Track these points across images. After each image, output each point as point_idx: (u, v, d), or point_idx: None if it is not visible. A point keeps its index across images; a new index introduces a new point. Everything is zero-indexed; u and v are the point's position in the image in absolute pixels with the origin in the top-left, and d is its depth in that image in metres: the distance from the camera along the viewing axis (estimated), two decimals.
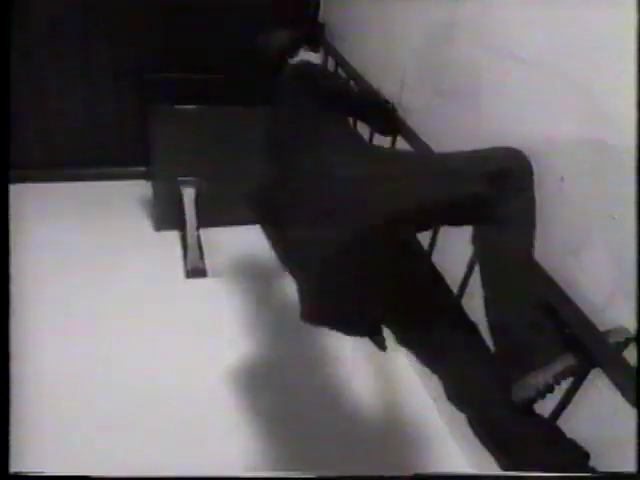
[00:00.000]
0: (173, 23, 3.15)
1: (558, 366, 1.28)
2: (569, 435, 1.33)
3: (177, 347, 2.32)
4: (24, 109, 3.21)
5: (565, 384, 1.30)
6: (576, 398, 1.32)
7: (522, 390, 1.29)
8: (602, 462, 1.25)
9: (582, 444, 1.29)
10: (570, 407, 1.33)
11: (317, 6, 3.39)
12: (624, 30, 1.16)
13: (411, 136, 2.14)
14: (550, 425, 1.39)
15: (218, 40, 3.22)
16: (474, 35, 1.84)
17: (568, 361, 1.29)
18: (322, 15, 3.39)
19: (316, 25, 2.68)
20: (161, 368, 2.22)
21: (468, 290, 1.76)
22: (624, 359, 1.22)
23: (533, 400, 1.29)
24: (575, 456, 1.29)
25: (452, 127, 2.00)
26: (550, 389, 1.28)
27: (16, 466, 0.83)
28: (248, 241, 2.96)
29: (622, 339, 1.23)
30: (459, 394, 1.50)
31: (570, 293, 1.38)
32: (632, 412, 1.05)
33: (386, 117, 2.09)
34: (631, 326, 1.23)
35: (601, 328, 1.30)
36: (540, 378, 1.28)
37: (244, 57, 3.27)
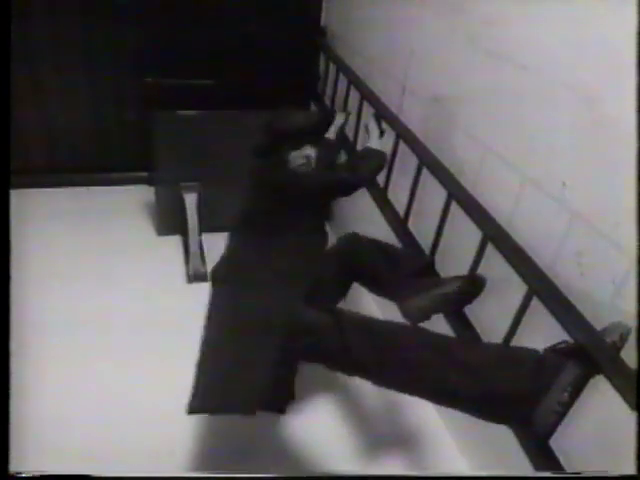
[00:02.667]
0: (174, 28, 3.17)
1: (564, 380, 1.28)
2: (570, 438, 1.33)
3: (178, 351, 2.32)
4: (26, 114, 3.23)
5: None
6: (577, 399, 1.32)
7: (543, 418, 1.29)
8: (602, 464, 1.25)
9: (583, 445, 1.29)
10: (571, 409, 1.32)
11: (319, 10, 3.41)
12: (624, 33, 1.16)
13: (414, 141, 2.15)
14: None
15: (219, 45, 3.23)
16: (475, 40, 1.85)
17: (572, 371, 1.28)
18: (324, 19, 3.41)
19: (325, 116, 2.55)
20: (162, 372, 2.21)
21: None
22: (623, 361, 1.21)
23: (557, 422, 1.30)
24: None
25: (452, 132, 2.00)
26: (568, 404, 1.28)
27: (16, 466, 0.83)
28: None
29: (617, 337, 1.22)
30: None
31: (571, 298, 1.39)
32: (632, 414, 1.05)
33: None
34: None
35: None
36: (553, 399, 1.28)
37: (245, 61, 3.30)
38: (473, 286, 1.74)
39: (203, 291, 2.77)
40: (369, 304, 2.48)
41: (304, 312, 1.63)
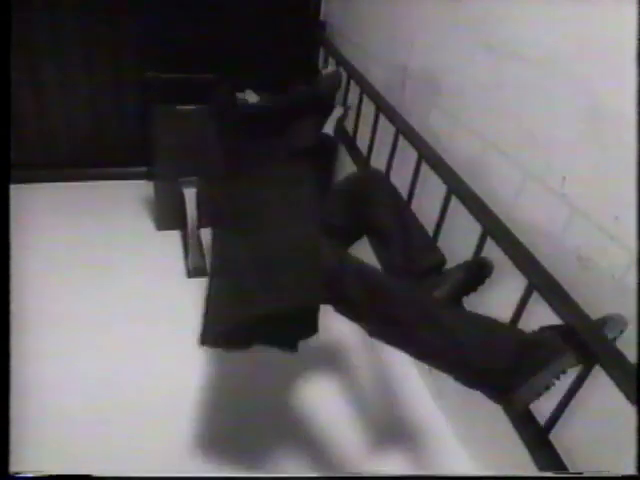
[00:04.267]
0: (174, 22, 3.15)
1: (558, 367, 1.28)
2: (570, 437, 1.33)
3: (178, 346, 2.32)
4: (25, 109, 3.21)
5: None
6: (577, 397, 1.32)
7: (524, 397, 1.29)
8: (602, 463, 1.25)
9: (582, 444, 1.29)
10: (570, 405, 1.32)
11: (318, 4, 3.39)
12: (626, 28, 1.16)
13: (413, 136, 2.14)
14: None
15: (219, 39, 3.21)
16: (476, 33, 1.84)
17: (569, 362, 1.28)
18: (323, 13, 3.40)
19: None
20: (162, 367, 2.22)
21: None
22: (624, 356, 1.21)
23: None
24: None
25: (453, 126, 2.00)
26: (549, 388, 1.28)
27: (16, 466, 0.83)
28: None
29: (618, 332, 1.22)
30: None
31: (571, 292, 1.38)
32: (632, 411, 1.05)
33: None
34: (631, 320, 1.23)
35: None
36: (541, 381, 1.28)
37: (244, 56, 3.29)
38: (478, 270, 1.68)
39: (202, 286, 2.79)
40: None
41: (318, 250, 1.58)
